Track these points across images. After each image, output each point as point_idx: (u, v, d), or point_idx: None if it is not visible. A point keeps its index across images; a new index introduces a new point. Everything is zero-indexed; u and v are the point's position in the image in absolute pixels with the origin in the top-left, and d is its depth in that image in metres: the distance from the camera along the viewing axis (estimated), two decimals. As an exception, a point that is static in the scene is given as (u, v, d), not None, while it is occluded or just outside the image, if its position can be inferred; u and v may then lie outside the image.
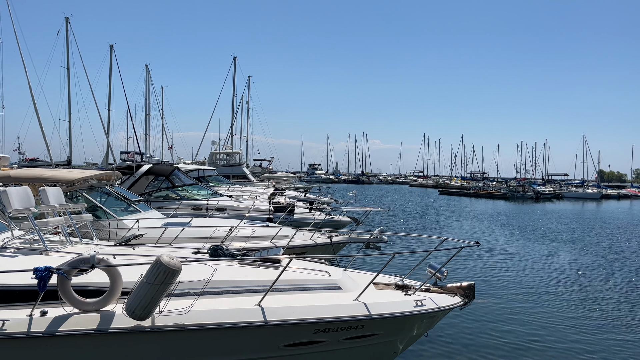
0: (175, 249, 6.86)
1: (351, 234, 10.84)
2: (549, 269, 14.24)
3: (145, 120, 54.58)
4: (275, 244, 9.02)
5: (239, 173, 36.37)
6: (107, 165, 32.87)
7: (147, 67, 53.53)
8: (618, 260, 16.27)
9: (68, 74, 33.11)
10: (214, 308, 4.54)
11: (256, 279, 5.06)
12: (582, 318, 9.27)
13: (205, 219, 11.16)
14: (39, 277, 4.05)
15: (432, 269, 5.62)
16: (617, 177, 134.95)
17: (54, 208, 6.70)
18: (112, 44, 39.58)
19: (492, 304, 9.90)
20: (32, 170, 10.19)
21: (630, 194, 77.55)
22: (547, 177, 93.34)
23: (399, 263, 11.42)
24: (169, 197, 15.81)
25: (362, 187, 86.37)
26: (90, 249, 5.72)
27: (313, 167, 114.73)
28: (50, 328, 4.17)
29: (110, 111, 38.84)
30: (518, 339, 7.90)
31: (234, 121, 51.82)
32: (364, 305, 4.92)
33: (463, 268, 13.42)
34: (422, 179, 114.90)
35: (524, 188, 65.49)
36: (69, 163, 31.86)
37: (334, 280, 5.32)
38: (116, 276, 4.39)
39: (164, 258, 4.15)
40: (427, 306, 5.20)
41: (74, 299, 4.29)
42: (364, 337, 5.05)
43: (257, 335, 4.63)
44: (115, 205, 10.43)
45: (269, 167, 57.54)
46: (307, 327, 4.73)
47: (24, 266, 4.47)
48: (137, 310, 4.16)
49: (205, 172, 25.03)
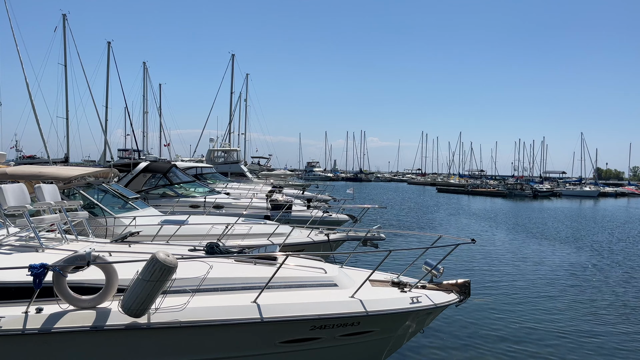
0: (172, 246, 6.86)
1: (349, 232, 10.85)
2: (546, 266, 14.28)
3: (143, 117, 54.63)
4: (273, 242, 9.02)
5: (236, 170, 36.35)
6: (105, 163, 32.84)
7: (145, 64, 53.56)
8: (615, 258, 16.33)
9: (65, 71, 33.11)
10: (210, 305, 4.54)
11: (252, 276, 5.07)
12: (578, 315, 9.30)
13: (203, 217, 11.16)
14: (35, 274, 4.05)
15: (428, 266, 5.63)
16: (614, 174, 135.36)
17: (49, 205, 6.69)
18: (109, 41, 39.44)
19: (488, 301, 9.93)
20: (28, 167, 10.17)
21: (628, 191, 77.77)
22: (544, 175, 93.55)
23: (395, 260, 11.44)
24: (166, 194, 15.80)
25: (360, 184, 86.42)
26: (86, 246, 5.71)
27: (311, 164, 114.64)
28: (46, 325, 4.17)
29: (107, 108, 38.69)
30: (514, 336, 7.92)
31: (232, 119, 51.80)
32: (360, 302, 4.93)
33: (459, 265, 13.45)
34: (420, 177, 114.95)
35: (522, 186, 65.61)
36: (67, 160, 31.81)
37: (330, 277, 5.33)
38: (112, 273, 4.39)
39: (159, 255, 4.16)
40: (423, 303, 5.22)
41: (70, 296, 4.29)
42: (360, 333, 5.07)
43: (253, 332, 4.63)
44: (112, 202, 10.41)
45: (267, 164, 57.58)
46: (303, 324, 4.74)
47: (20, 263, 4.47)
48: (133, 307, 4.16)
49: (203, 169, 25.02)
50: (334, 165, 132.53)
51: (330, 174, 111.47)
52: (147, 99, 54.12)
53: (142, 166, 16.24)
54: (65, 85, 33.09)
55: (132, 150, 44.27)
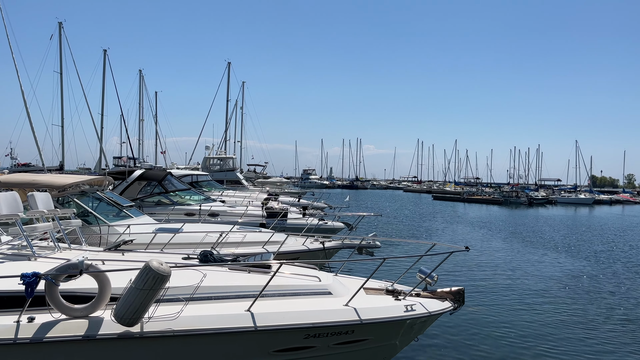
0: (165, 254, 6.84)
1: (344, 240, 10.86)
2: (541, 275, 14.30)
3: (139, 125, 54.56)
4: (267, 250, 9.01)
5: (232, 178, 36.32)
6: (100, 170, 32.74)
7: (141, 72, 53.57)
8: (610, 266, 16.37)
9: (61, 78, 33.06)
10: (204, 313, 4.53)
11: (246, 284, 5.06)
12: (573, 323, 9.30)
13: (198, 225, 11.13)
14: (27, 283, 4.04)
15: (422, 273, 5.63)
16: (609, 182, 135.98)
17: (42, 213, 6.66)
18: (105, 49, 39.57)
19: (482, 309, 9.92)
20: (22, 175, 10.14)
21: (623, 199, 78.09)
22: (540, 183, 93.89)
23: (390, 268, 11.45)
24: (161, 202, 15.76)
25: (356, 192, 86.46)
26: (79, 255, 5.69)
27: (307, 172, 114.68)
28: (38, 334, 4.14)
29: (103, 116, 38.70)
30: (508, 344, 7.91)
31: (227, 126, 51.84)
32: (354, 310, 4.93)
33: (453, 273, 13.44)
34: (416, 184, 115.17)
35: (517, 193, 65.81)
36: (62, 168, 31.72)
37: (324, 285, 5.33)
38: (105, 282, 4.37)
39: (153, 263, 4.14)
40: (417, 311, 5.22)
41: (62, 305, 4.26)
42: (354, 342, 5.05)
43: (247, 340, 4.62)
44: (107, 210, 10.38)
45: (262, 172, 57.49)
46: (298, 332, 4.72)
47: (12, 272, 4.44)
48: (125, 316, 4.14)
49: (199, 177, 25.00)
50: (330, 173, 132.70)
51: (326, 181, 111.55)
52: (143, 107, 54.14)
53: (137, 174, 16.20)
54: (61, 93, 33.08)
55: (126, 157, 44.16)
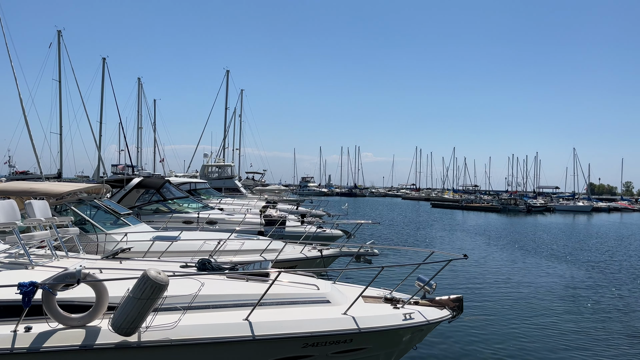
0: (163, 263, 6.81)
1: (342, 247, 10.83)
2: (539, 282, 14.28)
3: (137, 133, 54.50)
4: (265, 258, 8.99)
5: (231, 186, 36.31)
6: (98, 178, 32.68)
7: (140, 80, 53.60)
8: (608, 274, 16.36)
9: (60, 86, 33.03)
10: (202, 323, 4.51)
11: (244, 292, 5.04)
12: (571, 331, 9.28)
13: (196, 233, 11.10)
14: (24, 293, 4.01)
15: (421, 281, 5.62)
16: (607, 189, 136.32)
17: (39, 222, 6.64)
18: (104, 57, 39.53)
19: (481, 317, 9.89)
20: (20, 183, 10.11)
21: (621, 206, 78.24)
22: (538, 190, 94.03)
23: (388, 276, 11.41)
24: (159, 210, 15.73)
25: (354, 200, 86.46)
26: (76, 263, 5.66)
27: (305, 179, 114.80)
28: (35, 344, 4.11)
29: (102, 124, 38.62)
30: (507, 352, 7.88)
31: (226, 134, 51.93)
32: (353, 319, 4.91)
33: (452, 281, 13.42)
34: (414, 192, 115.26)
35: (516, 201, 65.91)
36: (60, 176, 31.61)
37: (322, 293, 5.31)
38: (102, 291, 4.35)
39: (150, 272, 4.13)
40: (416, 319, 5.20)
41: (59, 315, 4.24)
42: (352, 350, 5.03)
43: (245, 350, 4.59)
44: (104, 218, 10.35)
45: (261, 179, 57.50)
46: (296, 341, 4.70)
47: (9, 281, 4.41)
48: (123, 325, 4.12)
49: (197, 185, 24.99)
50: (329, 181, 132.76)
51: (325, 189, 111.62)
52: (142, 115, 54.08)
53: (135, 182, 16.19)
54: (60, 100, 33.04)
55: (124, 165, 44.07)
